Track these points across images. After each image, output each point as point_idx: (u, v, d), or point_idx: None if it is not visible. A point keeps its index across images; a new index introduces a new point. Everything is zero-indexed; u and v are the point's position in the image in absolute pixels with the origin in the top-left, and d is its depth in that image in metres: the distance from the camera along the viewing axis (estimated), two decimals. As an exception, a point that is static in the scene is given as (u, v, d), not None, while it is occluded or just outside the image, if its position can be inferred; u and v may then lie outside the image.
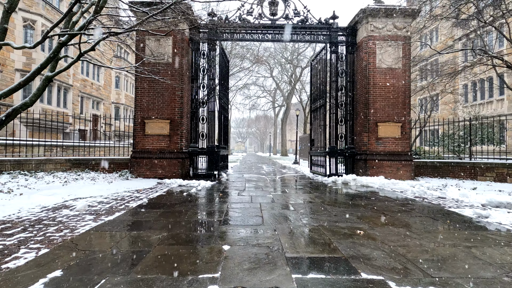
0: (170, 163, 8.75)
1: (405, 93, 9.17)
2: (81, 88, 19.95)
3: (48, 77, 5.47)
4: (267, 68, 36.50)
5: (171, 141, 8.89)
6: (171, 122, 8.87)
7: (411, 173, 8.97)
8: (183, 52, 9.01)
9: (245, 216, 4.32)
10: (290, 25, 9.70)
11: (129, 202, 5.31)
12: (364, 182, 8.25)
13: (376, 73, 9.13)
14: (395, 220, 4.23)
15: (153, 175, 8.71)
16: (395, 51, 9.11)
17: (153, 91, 8.85)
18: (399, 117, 9.15)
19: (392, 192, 7.05)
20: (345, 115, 9.91)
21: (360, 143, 9.52)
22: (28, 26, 15.29)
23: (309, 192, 6.86)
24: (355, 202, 5.64)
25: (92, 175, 8.36)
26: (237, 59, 23.88)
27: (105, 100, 23.30)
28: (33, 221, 3.89)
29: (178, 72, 8.89)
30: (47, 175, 8.02)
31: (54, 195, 5.65)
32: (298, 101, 38.54)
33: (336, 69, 9.83)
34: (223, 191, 6.82)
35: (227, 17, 9.58)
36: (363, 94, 9.35)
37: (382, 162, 8.96)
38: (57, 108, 16.77)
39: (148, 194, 6.16)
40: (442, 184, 7.63)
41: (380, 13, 8.97)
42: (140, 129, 8.89)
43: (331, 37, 9.77)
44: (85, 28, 4.69)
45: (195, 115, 9.70)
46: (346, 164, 9.81)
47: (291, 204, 5.32)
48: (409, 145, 9.22)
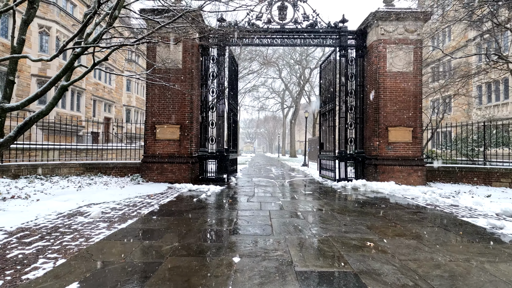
0: (180, 167, 8.87)
1: (416, 97, 9.03)
2: (94, 91, 20.41)
3: (63, 86, 5.64)
4: (275, 69, 36.50)
5: (181, 145, 9.01)
6: (181, 127, 8.99)
7: (423, 178, 8.82)
8: (193, 58, 9.12)
9: (254, 225, 4.35)
10: (299, 29, 9.70)
11: (140, 208, 5.42)
12: (374, 187, 8.18)
13: (386, 77, 9.03)
14: (406, 230, 4.19)
15: (164, 179, 8.84)
16: (406, 55, 8.98)
17: (163, 96, 8.99)
18: (410, 122, 9.01)
19: (403, 198, 6.96)
20: (354, 119, 9.83)
21: (370, 148, 9.42)
22: (43, 33, 15.76)
23: (318, 199, 6.84)
24: (365, 210, 5.60)
25: (104, 179, 8.56)
26: (246, 62, 23.95)
27: (117, 103, 23.76)
28: (49, 228, 4.03)
29: (188, 78, 9.01)
30: (62, 179, 8.26)
31: (68, 200, 5.82)
32: (307, 102, 38.36)
33: (345, 72, 9.76)
34: (232, 197, 6.88)
35: (236, 23, 9.65)
36: (373, 98, 9.26)
37: (393, 167, 8.85)
38: (71, 112, 17.21)
39: (159, 200, 6.27)
40: (455, 191, 7.48)
41: (391, 17, 8.87)
42: (151, 134, 9.04)
43: (341, 41, 9.71)
44: (98, 40, 4.82)
45: (204, 119, 9.80)
46: (356, 168, 9.73)
47: (300, 212, 5.32)
48: (420, 149, 9.07)
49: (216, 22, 9.87)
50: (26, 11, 5.71)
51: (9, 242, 3.41)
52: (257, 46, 10.34)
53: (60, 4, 16.74)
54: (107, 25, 4.89)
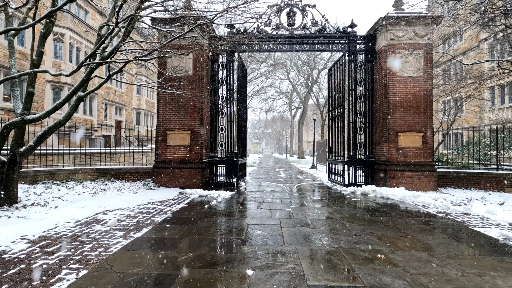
0: (190, 172, 9.03)
1: (426, 102, 8.96)
2: (105, 95, 20.86)
3: (80, 97, 5.84)
4: (283, 71, 36.49)
5: (191, 151, 9.16)
6: (191, 133, 9.15)
7: (434, 184, 8.75)
8: (203, 65, 9.27)
9: (265, 235, 4.44)
10: (308, 34, 9.74)
11: (154, 216, 5.57)
12: (384, 194, 8.16)
13: (396, 82, 8.99)
14: (417, 241, 4.21)
15: (175, 184, 9.02)
16: (416, 60, 8.93)
17: (174, 103, 9.17)
18: (421, 127, 8.95)
19: (414, 205, 6.94)
20: (364, 124, 9.81)
21: (379, 153, 9.40)
22: (57, 40, 16.21)
23: (328, 205, 6.88)
24: (375, 218, 5.62)
25: (118, 185, 8.78)
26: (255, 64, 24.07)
27: (127, 106, 24.21)
28: (69, 237, 4.20)
29: (198, 85, 9.16)
30: (77, 184, 8.51)
31: (85, 207, 6.02)
32: (315, 103, 38.23)
33: (354, 77, 9.76)
34: (242, 204, 6.98)
35: (246, 29, 9.76)
36: (383, 103, 9.23)
37: (403, 173, 8.80)
38: (84, 116, 17.64)
39: (171, 207, 6.42)
40: (466, 198, 7.41)
41: (400, 21, 8.83)
42: (162, 140, 9.23)
43: (350, 46, 9.72)
44: (113, 54, 4.99)
45: (214, 125, 9.95)
46: (365, 173, 9.71)
47: (310, 220, 5.38)
48: (431, 155, 9.00)
49: (225, 28, 10.00)
50: (45, 25, 5.94)
51: (33, 252, 3.59)
52: (266, 51, 10.43)
53: (73, 11, 17.18)
54: (121, 40, 5.05)
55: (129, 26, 5.02)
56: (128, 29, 5.07)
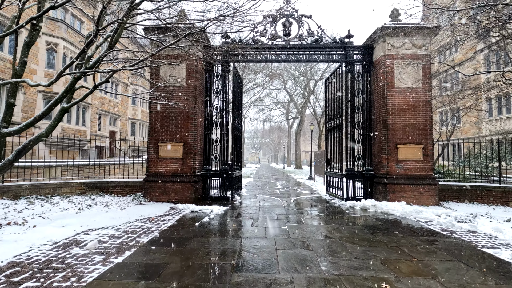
0: (183, 186, 8.64)
1: (426, 114, 8.74)
2: (99, 105, 20.54)
3: (64, 108, 5.52)
4: (280, 81, 36.55)
5: (184, 164, 8.81)
6: (184, 145, 8.82)
7: (435, 198, 8.44)
8: (197, 75, 9.03)
9: (259, 259, 4.06)
10: (304, 45, 9.58)
11: (140, 236, 5.17)
12: (384, 208, 7.82)
13: (394, 93, 8.79)
14: (424, 266, 3.85)
15: (166, 199, 8.61)
16: (414, 71, 8.76)
17: (166, 114, 8.87)
18: (420, 139, 8.70)
19: (416, 222, 6.60)
20: (362, 135, 9.55)
21: (379, 166, 9.10)
22: (51, 49, 15.99)
23: (326, 222, 6.52)
24: (377, 237, 5.27)
25: (106, 200, 8.36)
26: (251, 75, 24.00)
27: (122, 116, 23.88)
28: (42, 263, 3.80)
29: (192, 96, 8.89)
30: (63, 199, 8.09)
31: (66, 226, 5.61)
32: (312, 114, 38.18)
33: (352, 88, 9.56)
34: (236, 220, 6.60)
35: (241, 39, 9.58)
36: (381, 115, 9.00)
37: (403, 186, 8.49)
38: (76, 127, 17.26)
39: (160, 225, 6.02)
40: (471, 214, 7.09)
41: (398, 32, 8.70)
42: (154, 152, 8.88)
43: (347, 56, 9.55)
44: (98, 64, 4.71)
45: (208, 136, 9.63)
46: (365, 187, 9.38)
47: (307, 240, 5.02)
48: (432, 168, 8.72)
49: (220, 38, 9.83)
50: (29, 33, 5.67)
51: (-4, 283, 3.19)
52: (262, 62, 10.24)
53: (68, 21, 17.04)
54: (108, 48, 4.78)
55: (116, 34, 4.76)
56: (115, 37, 4.80)
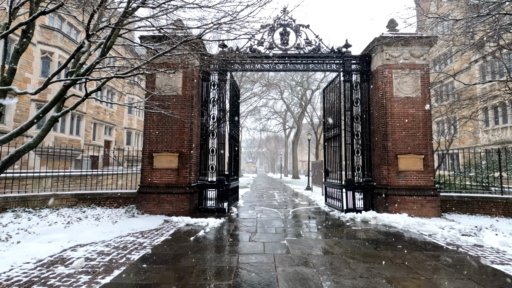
0: (178, 198, 8.36)
1: (426, 123, 8.64)
2: (94, 115, 20.29)
3: (54, 117, 5.30)
4: (277, 91, 36.68)
5: (179, 175, 8.55)
6: (180, 156, 8.58)
7: (437, 209, 8.23)
8: (193, 84, 8.88)
9: (258, 278, 3.80)
10: (301, 54, 9.52)
11: (131, 252, 4.88)
12: (386, 221, 7.59)
13: (393, 102, 8.70)
14: (433, 285, 3.61)
15: (160, 211, 8.31)
16: (413, 80, 8.70)
17: (162, 124, 8.66)
18: (421, 149, 8.56)
19: (420, 235, 6.37)
20: (361, 145, 9.40)
21: (379, 176, 8.92)
22: (45, 58, 15.83)
23: (327, 236, 6.27)
24: (381, 252, 5.02)
25: (97, 212, 8.03)
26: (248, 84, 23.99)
27: (118, 125, 23.60)
28: (22, 284, 3.50)
29: (188, 105, 8.72)
30: (52, 212, 7.75)
31: (53, 242, 5.30)
32: (309, 123, 38.22)
33: (350, 98, 9.46)
34: (232, 235, 6.32)
35: (238, 48, 9.50)
36: (380, 124, 8.88)
37: (405, 198, 8.29)
38: (70, 136, 16.94)
39: (153, 240, 5.72)
40: (475, 226, 6.88)
41: (396, 42, 8.68)
42: (148, 162, 8.62)
43: (345, 66, 9.49)
44: (90, 71, 4.53)
45: (204, 146, 9.41)
46: (365, 198, 9.17)
47: (308, 256, 4.76)
48: (433, 178, 8.55)
49: (217, 48, 9.75)
50: (19, 40, 5.48)
51: (-32, 309, 2.89)
52: (259, 71, 10.15)
53: (64, 30, 16.96)
54: (101, 55, 4.61)
55: (109, 41, 4.59)
56: (108, 44, 4.63)
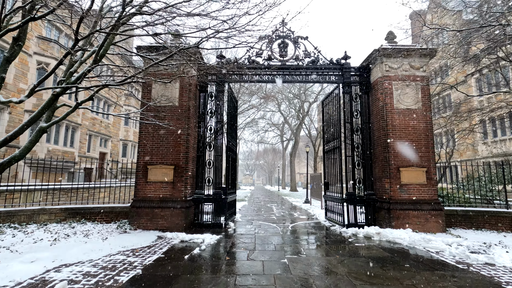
0: (173, 213, 8.01)
1: (427, 135, 8.47)
2: (90, 126, 19.99)
3: (42, 128, 5.03)
4: (275, 103, 36.76)
5: (174, 188, 8.23)
6: (175, 168, 8.28)
7: (442, 224, 7.95)
8: (190, 95, 8.69)
9: (257, 304, 3.46)
10: (300, 66, 9.43)
11: (120, 273, 4.51)
12: (390, 237, 7.28)
13: (394, 114, 8.55)
14: (449, 312, 3.31)
15: (154, 226, 7.93)
16: (413, 91, 8.60)
17: (157, 135, 8.41)
18: (423, 161, 8.36)
19: (426, 252, 6.06)
20: (362, 158, 9.18)
21: (381, 190, 8.66)
22: (41, 69, 15.68)
23: (329, 254, 5.94)
24: (388, 272, 4.70)
25: (87, 228, 7.64)
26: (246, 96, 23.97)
27: (114, 137, 23.28)
28: (-5, 313, 3.14)
29: (185, 116, 8.50)
30: (39, 228, 7.35)
31: (36, 261, 4.92)
32: (307, 135, 38.16)
33: (350, 109, 9.31)
34: (230, 252, 5.97)
35: (236, 60, 9.40)
36: (381, 136, 8.69)
37: (408, 212, 8.01)
38: (64, 148, 16.58)
39: (144, 258, 5.36)
40: (483, 243, 6.59)
41: (395, 53, 8.62)
42: (142, 175, 8.31)
43: (344, 77, 9.39)
44: (81, 80, 4.31)
45: (201, 159, 9.14)
46: (366, 212, 8.87)
47: (311, 278, 4.43)
48: (436, 192, 8.31)
49: (215, 59, 9.65)
50: (10, 48, 5.27)
51: None
52: (257, 82, 10.03)
53: (62, 41, 16.91)
54: (93, 62, 4.40)
55: (102, 49, 4.40)
56: (101, 52, 4.44)
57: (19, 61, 14.46)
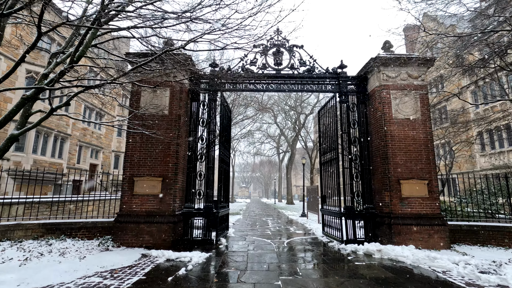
0: (159, 228, 7.47)
1: (428, 146, 8.14)
2: (81, 137, 19.45)
3: (13, 136, 4.59)
4: (271, 115, 36.60)
5: (162, 202, 7.72)
6: (163, 180, 7.80)
7: (446, 240, 7.50)
8: (181, 104, 8.32)
9: None
10: (295, 75, 9.17)
11: (91, 300, 3.98)
12: (391, 254, 6.80)
13: (393, 124, 8.24)
14: None
15: (139, 243, 7.37)
16: (412, 101, 8.33)
17: (145, 145, 7.97)
18: (424, 174, 7.99)
19: (432, 272, 5.59)
20: (360, 170, 8.79)
21: (381, 203, 8.23)
22: (30, 78, 15.31)
23: (327, 274, 5.44)
24: (393, 297, 4.22)
25: (66, 245, 7.04)
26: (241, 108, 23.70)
27: (105, 148, 22.70)
28: None
29: (175, 125, 8.10)
30: (12, 245, 6.75)
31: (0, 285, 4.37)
32: (303, 147, 37.86)
33: (347, 119, 8.99)
34: (219, 273, 5.44)
35: (230, 68, 9.11)
36: (380, 147, 8.34)
37: (410, 227, 7.56)
38: (51, 159, 15.98)
39: (123, 281, 4.82)
40: (493, 261, 6.14)
41: (392, 62, 8.40)
42: (128, 188, 7.80)
43: (340, 87, 9.12)
44: (54, 82, 3.93)
45: (191, 170, 8.67)
46: (366, 227, 8.40)
47: (308, 304, 3.93)
48: (439, 206, 7.90)
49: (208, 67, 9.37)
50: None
51: None
52: (252, 91, 9.73)
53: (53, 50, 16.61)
54: (70, 63, 4.02)
55: (80, 49, 4.04)
56: (78, 53, 4.07)
57: (7, 69, 14.08)
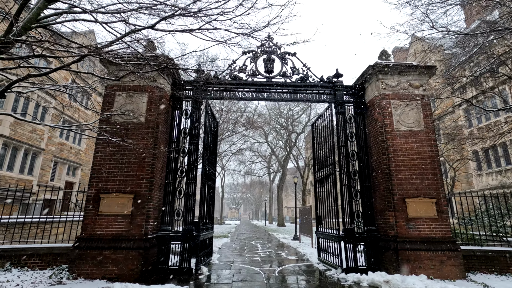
0: (127, 255, 6.26)
1: (433, 161, 7.39)
2: (57, 152, 18.06)
3: None
4: (262, 133, 35.93)
5: (132, 223, 6.57)
6: (135, 197, 6.70)
7: (461, 268, 6.54)
8: (160, 111, 7.41)
9: None
10: (288, 83, 8.47)
11: None
12: (401, 286, 5.77)
13: (394, 136, 7.50)
14: None
15: (102, 274, 6.12)
16: (414, 112, 7.68)
17: (116, 157, 6.92)
18: (431, 191, 7.16)
19: (455, 311, 4.58)
20: (360, 187, 7.92)
21: (384, 225, 7.29)
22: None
23: (330, 315, 4.36)
24: None
25: (8, 277, 5.74)
26: (230, 124, 22.90)
27: (84, 165, 21.21)
28: None
29: (151, 134, 7.13)
30: None
31: None
32: (295, 167, 37.01)
33: (344, 132, 8.23)
34: (193, 315, 4.29)
35: (216, 74, 8.34)
36: (381, 162, 7.54)
37: (420, 253, 6.59)
38: (19, 175, 14.52)
39: (62, 330, 3.62)
40: (523, 295, 5.21)
41: (392, 70, 7.82)
42: (93, 207, 6.64)
43: (336, 97, 8.44)
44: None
45: (170, 187, 7.60)
46: (368, 253, 7.38)
47: None
48: (449, 228, 7.01)
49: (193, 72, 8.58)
50: None
51: None
52: (240, 100, 8.94)
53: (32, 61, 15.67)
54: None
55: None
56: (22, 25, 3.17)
57: None
